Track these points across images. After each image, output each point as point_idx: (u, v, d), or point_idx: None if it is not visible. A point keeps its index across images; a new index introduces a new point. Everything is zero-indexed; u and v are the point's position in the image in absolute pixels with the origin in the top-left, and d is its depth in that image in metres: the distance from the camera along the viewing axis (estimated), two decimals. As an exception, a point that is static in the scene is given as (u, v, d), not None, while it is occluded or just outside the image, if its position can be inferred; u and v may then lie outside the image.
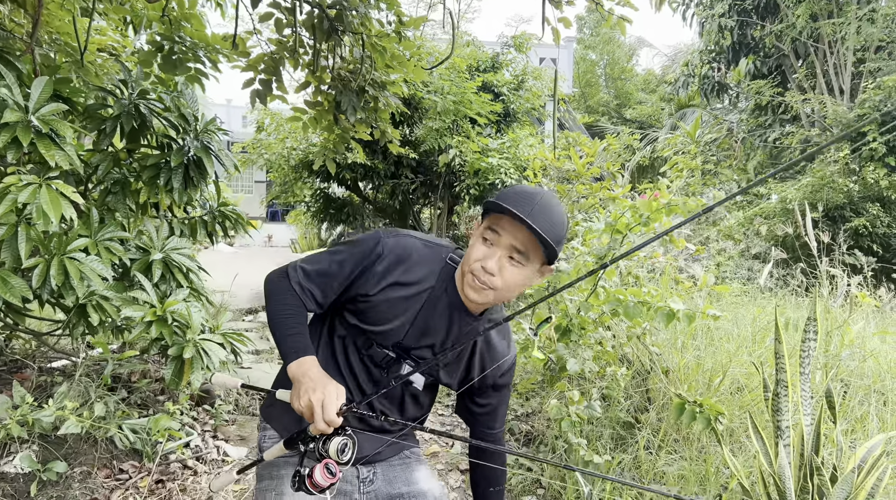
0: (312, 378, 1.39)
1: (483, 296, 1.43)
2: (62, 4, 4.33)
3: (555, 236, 1.37)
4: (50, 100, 3.23)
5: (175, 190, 3.21)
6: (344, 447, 1.35)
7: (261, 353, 5.49)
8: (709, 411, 2.64)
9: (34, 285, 2.62)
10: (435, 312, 1.53)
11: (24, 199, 2.40)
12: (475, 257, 1.42)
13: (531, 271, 1.43)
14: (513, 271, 1.40)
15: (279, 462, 1.60)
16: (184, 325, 3.06)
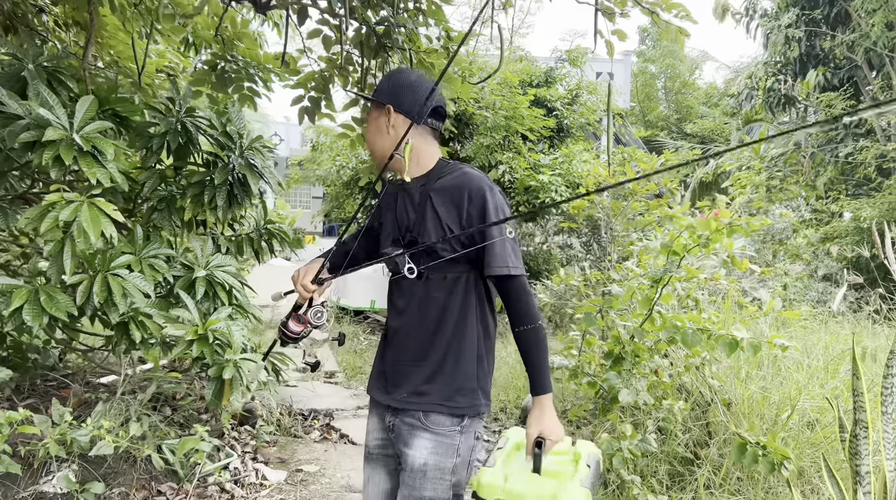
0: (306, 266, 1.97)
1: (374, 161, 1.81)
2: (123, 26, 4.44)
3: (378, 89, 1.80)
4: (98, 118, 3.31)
5: (219, 207, 3.20)
6: (319, 314, 1.84)
7: (307, 371, 5.45)
8: (773, 454, 2.40)
9: (78, 301, 2.62)
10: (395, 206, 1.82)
11: (66, 217, 2.41)
12: None
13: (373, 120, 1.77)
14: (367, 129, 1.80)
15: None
16: (225, 344, 3.02)
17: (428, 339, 1.70)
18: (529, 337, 1.63)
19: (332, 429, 4.04)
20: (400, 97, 1.72)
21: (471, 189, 1.67)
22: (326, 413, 4.30)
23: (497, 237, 1.63)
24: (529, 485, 1.55)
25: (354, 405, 4.50)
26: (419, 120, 1.70)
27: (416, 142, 1.73)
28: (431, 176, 1.74)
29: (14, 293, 2.46)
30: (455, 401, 1.66)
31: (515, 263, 1.64)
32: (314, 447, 3.68)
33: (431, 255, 1.67)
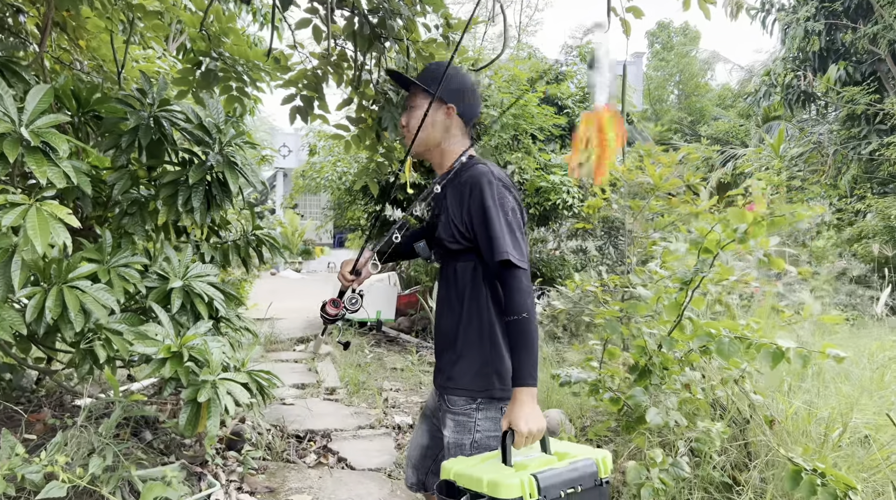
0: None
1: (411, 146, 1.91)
2: (105, 27, 4.17)
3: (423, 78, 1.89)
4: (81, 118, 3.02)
5: (195, 210, 2.89)
6: (354, 300, 2.03)
7: (306, 387, 5.12)
8: (835, 482, 2.04)
9: (28, 318, 2.32)
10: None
11: (10, 222, 2.10)
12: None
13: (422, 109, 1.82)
14: (412, 115, 1.89)
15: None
16: (202, 362, 2.70)
17: (450, 326, 1.83)
18: (512, 328, 1.65)
19: (329, 452, 3.70)
20: (462, 99, 1.86)
21: (472, 184, 1.76)
22: (324, 434, 3.97)
23: (496, 227, 1.68)
24: (477, 469, 1.54)
25: (355, 425, 4.16)
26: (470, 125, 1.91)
27: (455, 138, 1.89)
28: (455, 174, 1.86)
29: (-50, 310, 2.15)
30: (470, 383, 1.77)
31: (513, 251, 1.66)
32: (308, 473, 3.35)
33: (443, 246, 1.84)
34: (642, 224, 4.21)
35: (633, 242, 4.43)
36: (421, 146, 1.89)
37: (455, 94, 1.85)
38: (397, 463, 3.58)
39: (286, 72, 4.27)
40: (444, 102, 1.84)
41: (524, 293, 1.65)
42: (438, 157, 1.91)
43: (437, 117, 1.84)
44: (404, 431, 4.17)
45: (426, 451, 2.03)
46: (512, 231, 1.70)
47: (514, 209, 1.77)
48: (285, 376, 5.32)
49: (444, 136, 1.87)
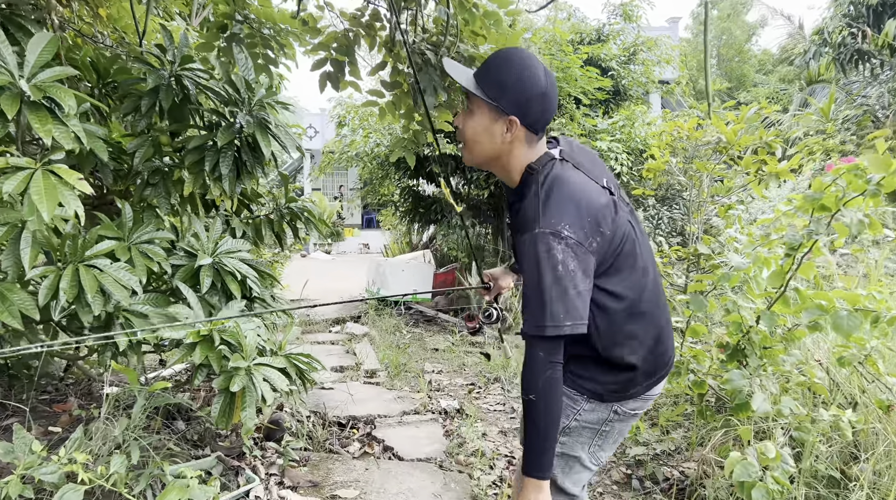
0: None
1: (464, 155, 1.69)
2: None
3: (483, 77, 1.53)
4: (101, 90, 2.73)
5: (224, 178, 2.59)
6: (489, 314, 2.04)
7: (345, 370, 4.86)
8: None
9: (41, 301, 2.05)
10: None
11: (11, 188, 1.82)
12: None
13: (482, 117, 1.56)
14: (468, 122, 1.60)
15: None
16: (235, 346, 2.43)
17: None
18: (525, 408, 1.48)
19: (374, 440, 3.43)
20: (528, 109, 1.52)
21: (532, 234, 1.44)
22: (367, 421, 3.70)
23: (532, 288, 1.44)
24: None
25: (399, 410, 3.88)
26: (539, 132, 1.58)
27: (518, 151, 1.59)
28: (517, 192, 1.62)
29: (-50, 293, 1.88)
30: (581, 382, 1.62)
31: (543, 319, 1.41)
32: (353, 464, 3.08)
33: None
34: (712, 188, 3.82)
35: (699, 207, 4.03)
36: (478, 159, 1.64)
37: (519, 104, 1.51)
38: (448, 452, 3.29)
39: (315, 35, 3.95)
40: (504, 113, 1.52)
41: (536, 370, 1.44)
42: (501, 171, 1.65)
43: (494, 129, 1.55)
44: (451, 416, 3.88)
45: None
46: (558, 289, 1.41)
47: (564, 262, 1.41)
48: (322, 359, 5.06)
49: (505, 150, 1.58)
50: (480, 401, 4.21)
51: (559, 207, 1.45)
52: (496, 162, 1.62)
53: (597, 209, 1.48)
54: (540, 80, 1.52)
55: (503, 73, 1.51)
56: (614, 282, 1.53)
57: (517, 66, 1.51)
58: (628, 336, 1.57)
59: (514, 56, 1.54)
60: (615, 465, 3.21)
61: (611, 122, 6.01)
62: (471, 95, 1.56)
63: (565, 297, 1.40)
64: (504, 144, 1.56)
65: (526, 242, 1.44)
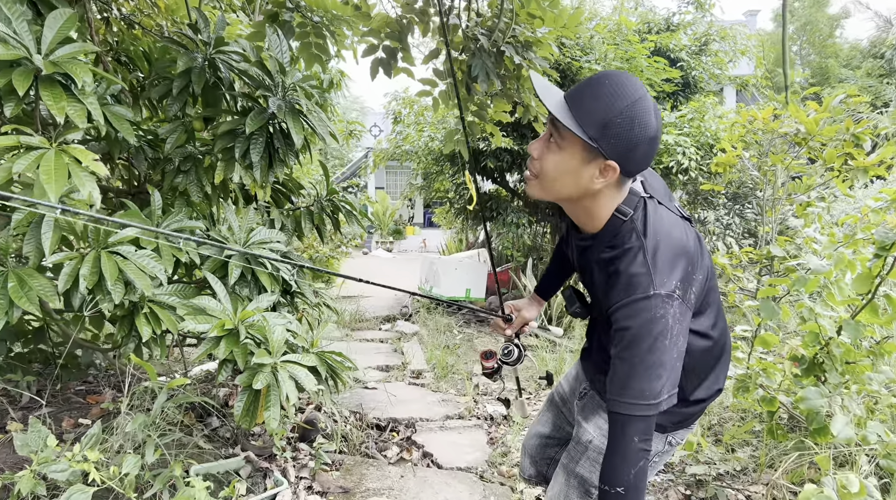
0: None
1: (530, 187, 1.36)
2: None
3: (580, 105, 1.21)
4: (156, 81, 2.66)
5: (255, 166, 2.47)
6: (508, 351, 1.83)
7: (390, 369, 4.72)
8: None
9: (61, 288, 1.97)
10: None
11: (22, 168, 1.73)
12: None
13: (572, 157, 1.25)
14: (550, 156, 1.29)
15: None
16: (263, 343, 2.30)
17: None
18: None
19: (413, 445, 3.26)
20: (632, 156, 1.22)
21: (647, 298, 1.19)
22: (408, 424, 3.53)
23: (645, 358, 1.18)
24: None
25: (442, 414, 3.69)
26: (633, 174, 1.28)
27: (607, 196, 1.30)
28: (598, 241, 1.35)
29: (-36, 278, 1.82)
30: None
31: (645, 396, 1.18)
32: (388, 470, 2.91)
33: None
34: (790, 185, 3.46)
35: (772, 206, 3.67)
36: (551, 196, 1.33)
37: (624, 150, 1.20)
38: (490, 462, 3.08)
39: (368, 21, 3.82)
40: (602, 156, 1.21)
41: (629, 458, 1.20)
42: (578, 213, 1.36)
43: (584, 172, 1.25)
44: (497, 423, 3.66)
45: (546, 441, 1.83)
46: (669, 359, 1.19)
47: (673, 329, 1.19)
48: (369, 357, 4.96)
49: (590, 194, 1.28)
50: (529, 408, 3.97)
51: (670, 265, 1.23)
52: (575, 204, 1.33)
53: (692, 255, 1.28)
54: (651, 122, 1.20)
55: (608, 107, 1.18)
56: (702, 322, 1.37)
57: (626, 100, 1.18)
58: (709, 371, 1.44)
59: (622, 86, 1.19)
60: (673, 484, 2.92)
61: (679, 114, 5.63)
62: (560, 124, 1.21)
63: (671, 367, 1.20)
64: (591, 189, 1.27)
65: (635, 306, 1.20)
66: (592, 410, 1.59)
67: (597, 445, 1.52)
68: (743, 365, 2.35)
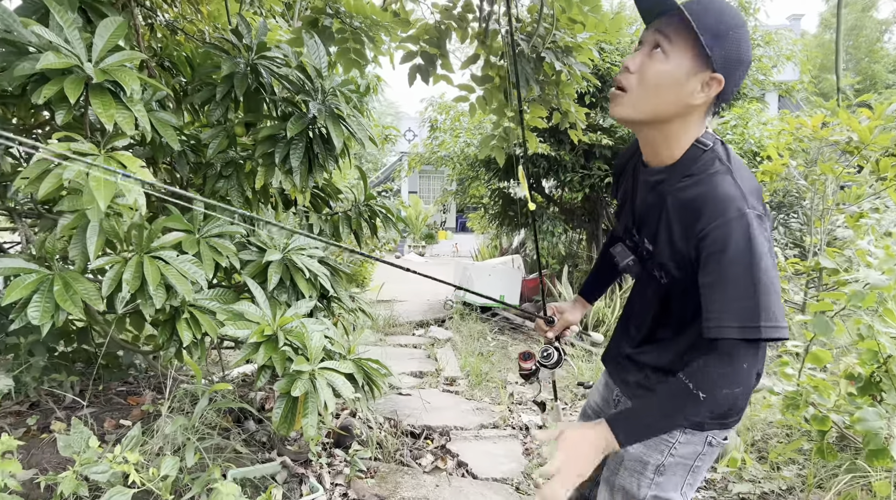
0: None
1: (618, 105, 1.28)
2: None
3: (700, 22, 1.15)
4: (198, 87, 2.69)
5: (295, 171, 2.48)
6: (548, 354, 1.78)
7: (424, 375, 4.69)
8: None
9: (105, 292, 1.99)
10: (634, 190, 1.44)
11: (71, 176, 1.76)
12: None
13: (679, 67, 1.19)
14: (653, 66, 1.21)
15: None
16: (301, 349, 2.30)
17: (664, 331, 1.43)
18: (677, 388, 1.19)
19: (447, 454, 3.23)
20: (735, 73, 1.21)
21: (711, 221, 1.17)
22: (442, 432, 3.50)
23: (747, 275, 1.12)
24: None
25: (477, 423, 3.66)
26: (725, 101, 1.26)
27: (695, 120, 1.26)
28: (676, 170, 1.30)
29: (14, 283, 1.85)
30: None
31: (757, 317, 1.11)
32: (423, 479, 2.88)
33: (664, 267, 1.32)
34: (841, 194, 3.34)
35: (822, 215, 3.55)
36: (642, 114, 1.26)
37: (731, 64, 1.19)
38: (526, 474, 3.03)
39: (406, 28, 3.83)
40: (710, 68, 1.18)
41: (733, 378, 1.15)
42: (660, 138, 1.29)
43: (689, 84, 1.20)
44: (533, 433, 3.61)
45: None
46: (771, 281, 1.13)
47: (770, 253, 1.16)
48: (402, 363, 4.94)
49: (683, 113, 1.24)
50: (566, 418, 3.91)
51: (757, 197, 1.20)
52: (662, 126, 1.27)
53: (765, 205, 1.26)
54: (749, 50, 1.22)
55: (722, 20, 1.17)
56: None
57: (737, 20, 1.18)
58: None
59: (731, 9, 1.21)
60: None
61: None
62: (671, 32, 1.19)
63: (776, 293, 1.13)
64: (688, 107, 1.22)
65: (731, 225, 1.14)
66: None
67: (633, 453, 1.44)
68: (792, 382, 2.27)
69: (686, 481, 1.42)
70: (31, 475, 2.23)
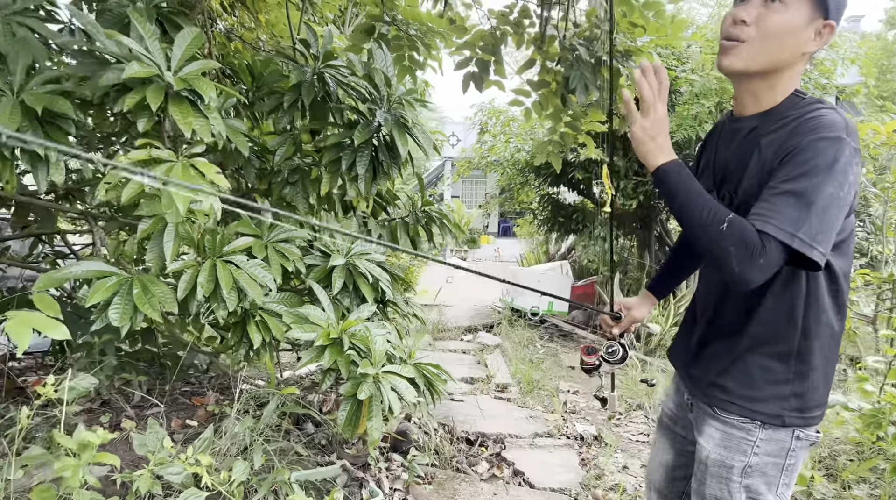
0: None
1: (732, 56, 1.27)
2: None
3: None
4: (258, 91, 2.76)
5: (360, 178, 2.51)
6: (613, 350, 1.75)
7: (475, 382, 4.68)
8: None
9: (180, 295, 2.04)
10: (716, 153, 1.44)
11: (153, 181, 1.81)
12: (725, 20, 1.30)
13: (797, 15, 1.22)
14: (772, 16, 1.23)
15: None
16: (364, 352, 2.32)
17: (737, 317, 1.36)
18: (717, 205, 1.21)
19: (503, 462, 3.21)
20: (839, 18, 1.27)
21: (807, 135, 1.16)
22: (496, 439, 3.48)
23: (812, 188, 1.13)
24: None
25: (531, 431, 3.62)
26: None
27: (799, 70, 1.30)
28: (771, 116, 1.30)
29: (97, 285, 1.91)
30: (754, 397, 1.34)
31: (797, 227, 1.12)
32: (480, 487, 2.87)
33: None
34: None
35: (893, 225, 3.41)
36: (755, 65, 1.27)
37: (841, 8, 1.25)
38: (584, 485, 2.99)
39: (462, 34, 3.84)
40: (824, 15, 1.23)
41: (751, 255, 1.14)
42: (765, 87, 1.30)
43: (805, 33, 1.24)
44: (588, 443, 3.56)
45: (673, 471, 1.66)
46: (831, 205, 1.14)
47: (849, 187, 1.16)
48: (453, 369, 4.93)
49: (796, 62, 1.27)
50: (621, 429, 3.84)
51: (854, 132, 1.21)
52: (772, 75, 1.29)
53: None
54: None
55: None
56: (840, 260, 1.29)
57: None
58: (828, 330, 1.32)
59: None
60: (783, 521, 2.74)
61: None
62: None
63: (831, 222, 1.15)
64: (801, 55, 1.26)
65: (825, 141, 1.15)
66: (702, 419, 1.47)
67: (715, 458, 1.40)
68: (871, 399, 2.18)
69: (781, 480, 1.37)
70: (105, 472, 2.30)
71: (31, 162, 1.83)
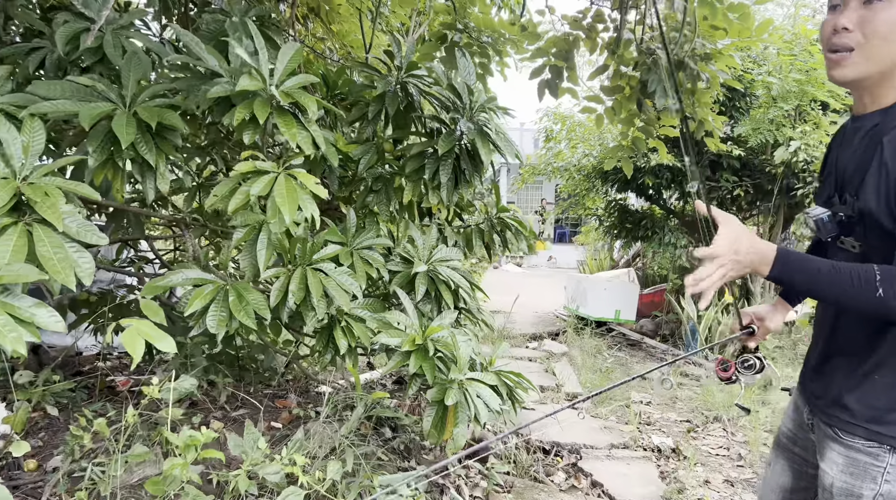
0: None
1: (846, 66, 1.23)
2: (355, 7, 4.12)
3: None
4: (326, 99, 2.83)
5: (442, 186, 2.53)
6: (749, 364, 1.67)
7: (545, 390, 4.64)
8: None
9: (272, 302, 2.11)
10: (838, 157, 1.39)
11: (258, 191, 1.88)
12: (824, 30, 1.29)
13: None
14: (878, 16, 1.18)
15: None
16: (449, 358, 2.33)
17: (860, 333, 1.29)
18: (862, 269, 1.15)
19: (580, 472, 3.17)
20: None
21: None
22: (572, 449, 3.44)
23: None
24: None
25: (606, 442, 3.57)
26: None
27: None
28: (894, 112, 1.24)
29: (196, 292, 1.99)
30: (882, 420, 1.25)
31: None
32: (559, 497, 2.84)
33: (870, 225, 1.23)
34: None
35: None
36: (879, 66, 1.22)
37: None
38: (665, 498, 2.92)
39: (534, 41, 3.84)
40: None
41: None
42: (883, 86, 1.25)
43: None
44: (666, 456, 3.47)
45: (791, 494, 1.58)
46: None
47: None
48: (521, 376, 4.91)
49: None
50: (699, 442, 3.74)
51: None
52: (887, 74, 1.24)
53: None
54: None
55: None
56: None
57: None
58: None
59: None
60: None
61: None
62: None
63: None
64: None
65: None
66: (823, 442, 1.40)
67: (840, 487, 1.31)
68: None
69: None
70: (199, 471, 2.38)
71: (142, 172, 1.92)
